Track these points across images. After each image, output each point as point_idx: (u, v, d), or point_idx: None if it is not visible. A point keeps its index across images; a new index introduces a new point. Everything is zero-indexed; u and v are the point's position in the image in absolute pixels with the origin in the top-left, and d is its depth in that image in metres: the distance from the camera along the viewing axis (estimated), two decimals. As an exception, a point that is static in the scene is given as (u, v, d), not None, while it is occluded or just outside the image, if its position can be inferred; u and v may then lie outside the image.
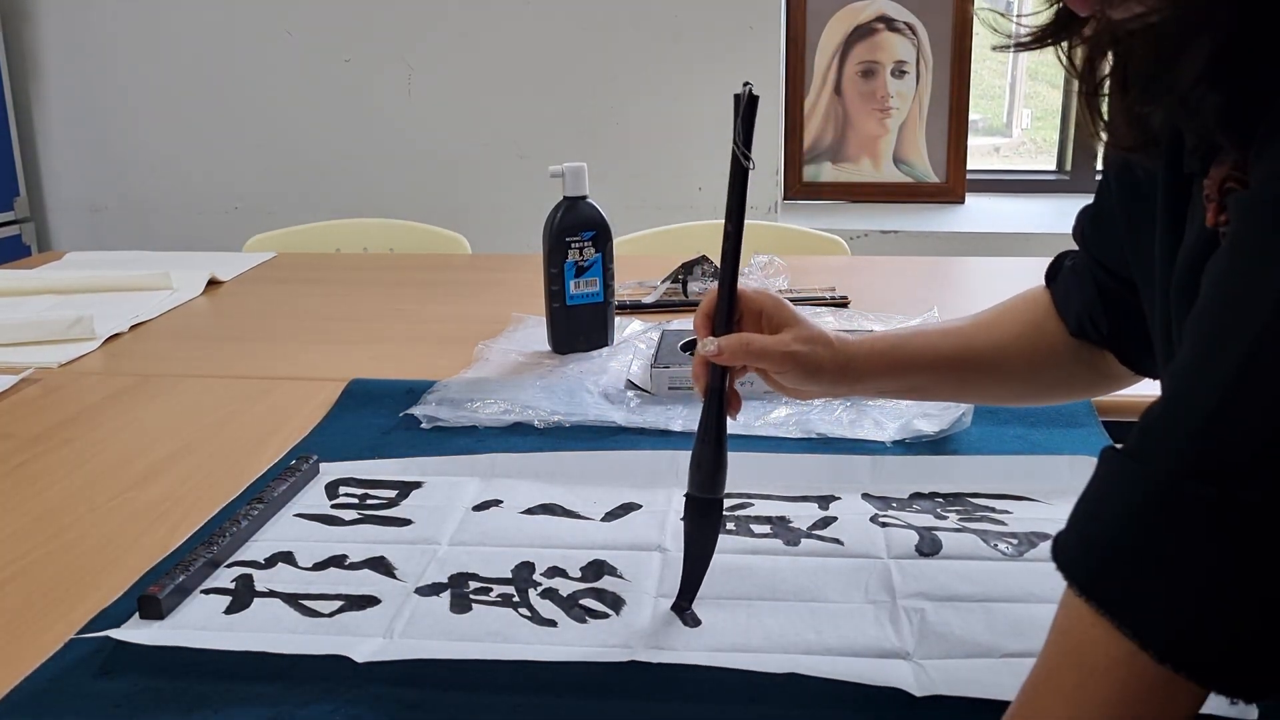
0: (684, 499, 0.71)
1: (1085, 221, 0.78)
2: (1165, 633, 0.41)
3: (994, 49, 0.58)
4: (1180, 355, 0.44)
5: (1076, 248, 0.81)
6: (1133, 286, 0.71)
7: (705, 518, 0.71)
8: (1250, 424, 0.40)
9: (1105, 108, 0.55)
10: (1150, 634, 0.42)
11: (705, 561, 0.71)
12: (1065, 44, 0.56)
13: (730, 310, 0.72)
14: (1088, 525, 0.46)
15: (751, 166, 0.69)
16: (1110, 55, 0.54)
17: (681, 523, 0.81)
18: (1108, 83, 0.54)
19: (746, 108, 0.68)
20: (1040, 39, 0.56)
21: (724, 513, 0.83)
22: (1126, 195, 0.69)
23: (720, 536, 0.79)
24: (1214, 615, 0.41)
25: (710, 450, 0.70)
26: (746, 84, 0.68)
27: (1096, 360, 0.80)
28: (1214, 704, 0.44)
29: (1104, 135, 0.56)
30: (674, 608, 0.71)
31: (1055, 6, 0.54)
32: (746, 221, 0.71)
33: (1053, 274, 0.83)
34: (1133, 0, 0.48)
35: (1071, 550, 0.46)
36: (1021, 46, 0.57)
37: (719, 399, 0.71)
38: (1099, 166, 2.61)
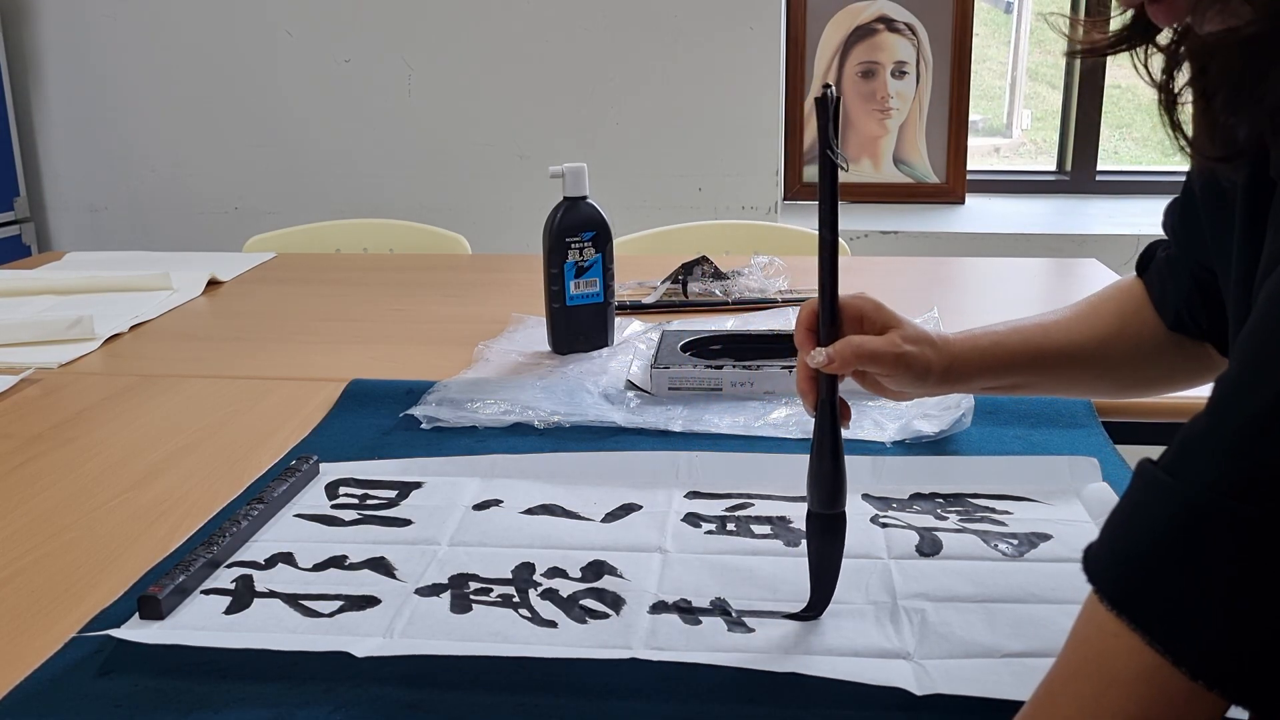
0: (806, 516, 0.69)
1: (1174, 216, 0.77)
2: (1197, 649, 0.41)
3: (1065, 55, 0.57)
4: (1228, 370, 0.44)
5: (1165, 238, 0.79)
6: None
7: (831, 533, 0.69)
8: None
9: (1184, 116, 0.55)
10: (1182, 650, 0.41)
11: (835, 575, 0.69)
12: (1142, 52, 0.55)
13: (834, 318, 0.70)
14: (1121, 539, 0.45)
15: (844, 168, 0.67)
16: (1190, 64, 0.53)
17: (683, 523, 0.82)
18: (1188, 92, 0.53)
19: (834, 110, 0.66)
20: (1115, 45, 0.55)
21: (726, 513, 0.83)
22: (1210, 200, 0.68)
23: (721, 537, 0.80)
24: (1248, 632, 0.41)
25: (829, 464, 0.68)
26: (827, 86, 0.66)
27: (1197, 352, 0.79)
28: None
29: (1185, 147, 0.55)
30: (799, 615, 0.69)
31: (1129, 12, 0.54)
32: (746, 222, 0.70)
33: (1144, 264, 0.82)
34: (1222, 13, 0.47)
35: (1103, 563, 0.45)
36: (1094, 52, 0.56)
37: (832, 410, 0.69)
38: (1099, 166, 2.62)
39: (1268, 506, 0.40)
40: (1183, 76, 0.53)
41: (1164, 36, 0.54)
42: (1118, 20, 0.54)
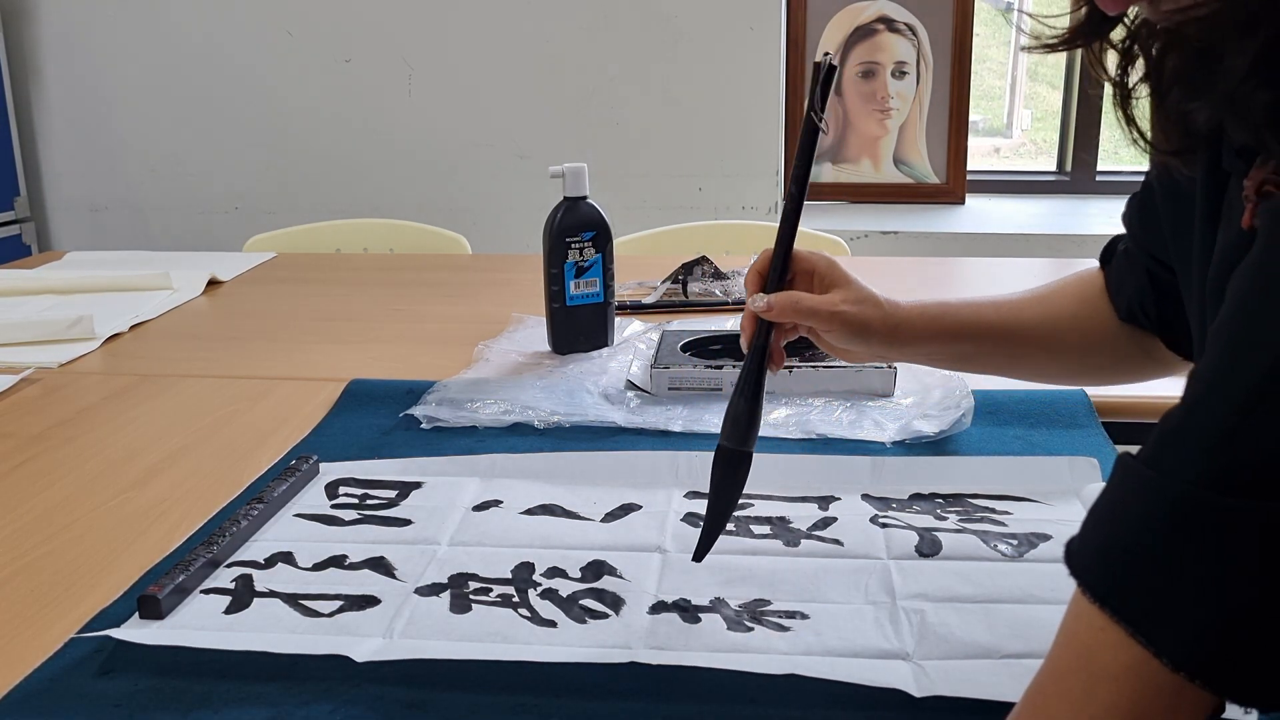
0: (715, 450, 0.72)
1: (1133, 211, 0.78)
2: (1180, 641, 0.41)
3: (1023, 49, 0.58)
4: (1203, 362, 0.44)
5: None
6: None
7: (734, 469, 0.72)
8: (1270, 435, 0.40)
9: (1139, 111, 0.55)
10: (1165, 642, 0.42)
11: (727, 515, 0.73)
12: (1096, 47, 0.55)
13: (784, 268, 0.74)
14: (1103, 532, 0.46)
15: (825, 131, 0.70)
16: (1143, 59, 0.53)
17: (682, 523, 0.82)
18: (1143, 88, 0.54)
19: (825, 77, 0.69)
20: (1070, 41, 0.55)
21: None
22: (1167, 196, 0.68)
23: (721, 537, 0.80)
24: (1230, 624, 0.41)
25: (746, 403, 0.71)
26: (826, 53, 0.69)
27: (1147, 345, 0.80)
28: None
29: (1140, 141, 0.56)
30: (694, 558, 0.72)
31: (1085, 8, 0.54)
32: (746, 221, 0.72)
33: (1107, 256, 0.83)
34: None
35: (1085, 557, 0.46)
36: (1049, 48, 0.56)
37: (761, 354, 0.73)
38: (1100, 166, 2.62)
39: (1246, 497, 0.40)
40: (1137, 72, 0.54)
41: (1119, 32, 0.54)
42: (1076, 16, 0.55)
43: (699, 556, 0.72)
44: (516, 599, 0.72)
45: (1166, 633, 0.42)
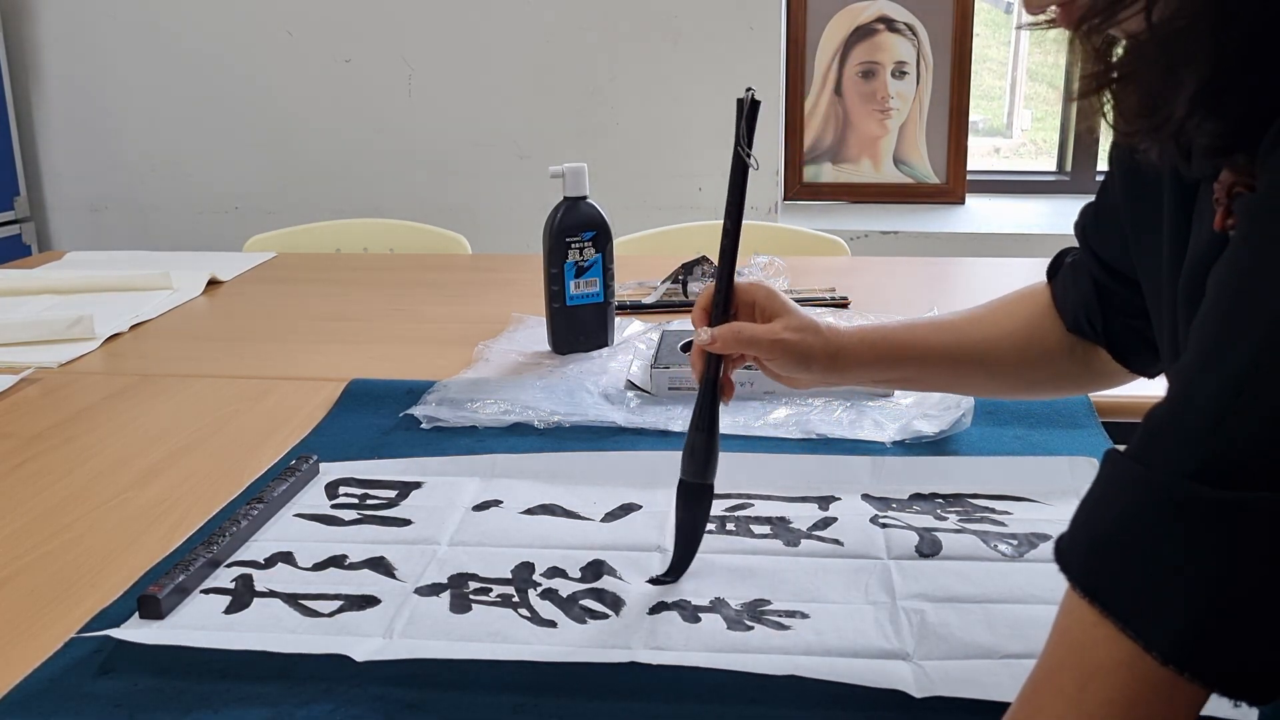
0: (677, 484, 0.74)
1: (1088, 217, 0.79)
2: (1169, 635, 0.41)
3: (1016, 28, 0.58)
4: (1185, 357, 0.44)
5: (1077, 245, 0.81)
6: (1130, 284, 0.72)
7: (697, 502, 0.74)
8: (1255, 426, 0.40)
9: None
10: (1154, 636, 0.42)
11: (695, 544, 0.75)
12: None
13: (727, 303, 0.76)
14: (1091, 527, 0.46)
15: (754, 166, 0.72)
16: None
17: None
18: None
19: (749, 112, 0.71)
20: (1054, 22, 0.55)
21: (726, 513, 0.83)
22: (1132, 194, 0.69)
23: (721, 537, 0.80)
24: (1218, 617, 0.41)
25: (703, 438, 0.73)
26: (749, 89, 0.71)
27: (1089, 357, 0.81)
28: (1213, 705, 0.44)
29: (1110, 124, 0.56)
30: (657, 580, 0.73)
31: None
32: (747, 222, 0.72)
33: (1054, 270, 0.84)
34: (1123, 22, 0.47)
35: (1074, 552, 0.46)
36: (1037, 26, 0.57)
37: (713, 388, 0.74)
38: (1100, 166, 2.62)
39: (1233, 488, 0.40)
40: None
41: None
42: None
43: (666, 580, 0.74)
44: (516, 599, 0.72)
45: (1156, 627, 0.42)
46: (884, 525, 0.81)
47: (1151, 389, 0.89)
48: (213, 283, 1.61)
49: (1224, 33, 0.44)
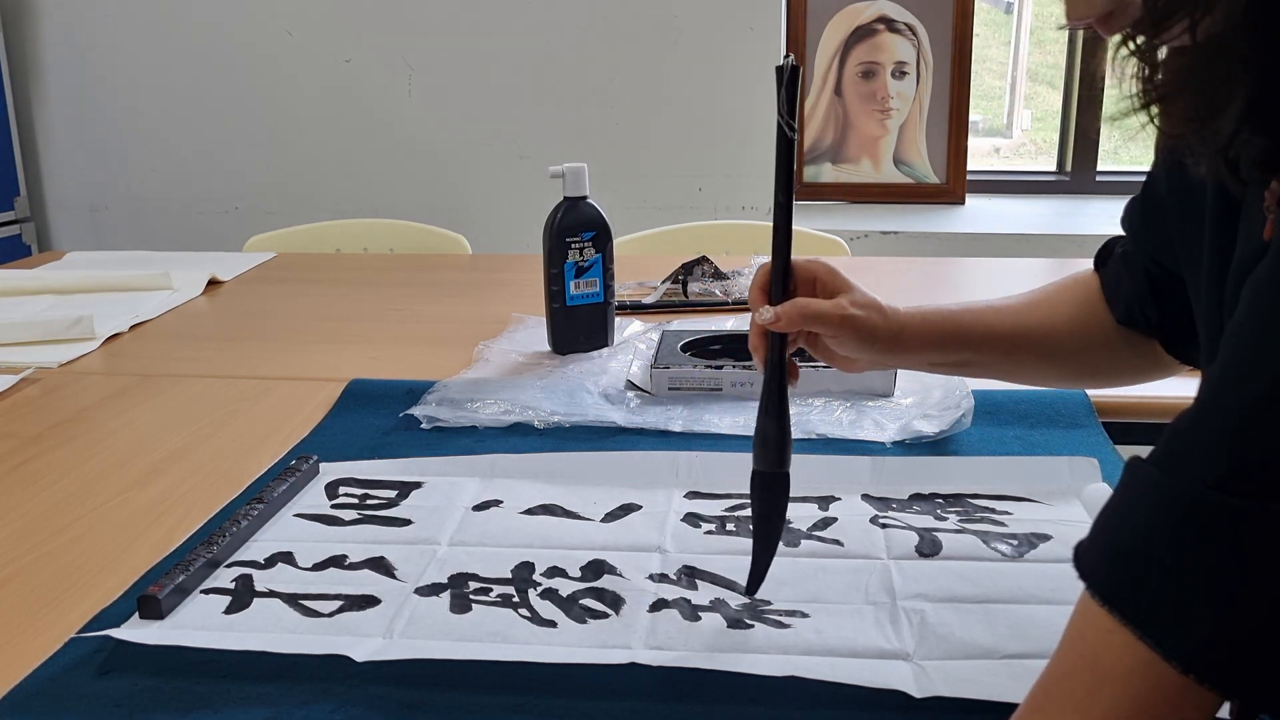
0: (751, 475, 0.70)
1: (1134, 211, 0.78)
2: (1188, 644, 0.41)
3: (1057, 28, 0.57)
4: (1216, 365, 0.44)
5: (1124, 234, 0.80)
6: (1179, 276, 0.71)
7: (774, 493, 0.70)
8: None
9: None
10: (1173, 645, 0.41)
11: (775, 540, 0.70)
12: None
13: (785, 278, 0.72)
14: (1112, 535, 0.45)
15: (795, 135, 0.69)
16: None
17: (682, 523, 0.82)
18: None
19: (790, 79, 0.67)
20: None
21: (726, 513, 0.83)
22: (1177, 190, 0.68)
23: (721, 537, 0.80)
24: (1239, 627, 0.41)
25: (774, 423, 0.69)
26: (788, 55, 0.68)
27: (1145, 348, 0.80)
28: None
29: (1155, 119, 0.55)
30: (746, 592, 0.70)
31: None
32: (747, 222, 0.71)
33: (1102, 259, 0.83)
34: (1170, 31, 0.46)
35: (1095, 559, 0.46)
36: (1080, 24, 0.56)
37: (780, 370, 0.70)
38: (1100, 166, 2.62)
39: (1256, 499, 0.40)
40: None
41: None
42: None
43: (752, 589, 0.70)
44: (516, 599, 0.72)
45: (1176, 635, 0.41)
46: (884, 525, 0.81)
47: (1153, 390, 0.89)
48: (213, 283, 1.61)
49: (1270, 50, 0.44)
